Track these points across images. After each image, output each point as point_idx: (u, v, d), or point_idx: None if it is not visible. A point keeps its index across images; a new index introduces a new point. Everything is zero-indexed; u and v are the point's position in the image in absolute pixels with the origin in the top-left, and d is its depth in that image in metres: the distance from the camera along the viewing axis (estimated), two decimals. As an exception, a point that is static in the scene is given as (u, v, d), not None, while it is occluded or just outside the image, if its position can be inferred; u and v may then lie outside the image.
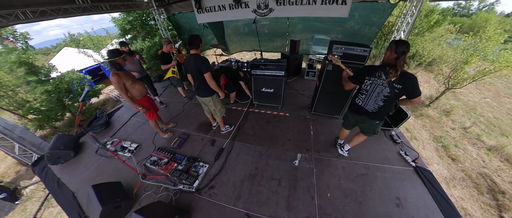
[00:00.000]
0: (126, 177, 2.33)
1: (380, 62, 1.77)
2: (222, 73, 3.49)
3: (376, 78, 1.65)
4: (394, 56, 1.51)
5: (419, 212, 1.90)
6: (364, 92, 1.78)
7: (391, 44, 1.55)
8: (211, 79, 2.20)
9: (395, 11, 4.00)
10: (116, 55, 2.12)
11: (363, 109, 1.86)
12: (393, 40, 1.57)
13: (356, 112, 1.96)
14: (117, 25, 8.29)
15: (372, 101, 1.77)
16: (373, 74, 1.65)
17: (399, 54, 1.49)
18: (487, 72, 6.70)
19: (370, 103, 1.79)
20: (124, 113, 3.86)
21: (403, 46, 1.49)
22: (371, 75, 1.67)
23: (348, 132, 2.40)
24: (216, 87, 2.30)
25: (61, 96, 7.25)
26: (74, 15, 3.59)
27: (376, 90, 1.69)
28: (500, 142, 5.92)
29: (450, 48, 9.79)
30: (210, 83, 2.22)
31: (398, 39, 1.65)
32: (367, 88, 1.74)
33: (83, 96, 1.84)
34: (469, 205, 4.06)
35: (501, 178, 4.73)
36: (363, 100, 1.83)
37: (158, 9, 5.49)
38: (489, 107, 8.22)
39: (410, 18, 3.53)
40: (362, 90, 1.79)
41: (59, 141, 2.72)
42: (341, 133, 2.47)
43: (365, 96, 1.79)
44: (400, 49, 1.48)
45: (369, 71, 1.68)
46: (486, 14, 20.26)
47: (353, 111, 2.01)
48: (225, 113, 2.75)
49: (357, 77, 1.81)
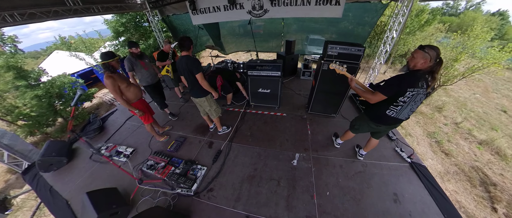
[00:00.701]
0: (122, 183, 2.28)
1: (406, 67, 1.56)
2: (219, 74, 3.48)
3: (419, 88, 1.50)
4: (431, 64, 1.41)
5: (416, 207, 1.94)
6: (401, 103, 1.60)
7: (428, 51, 1.40)
8: (203, 80, 2.19)
9: (387, 11, 4.10)
10: (110, 57, 2.07)
11: (394, 119, 1.70)
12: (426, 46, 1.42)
13: (384, 122, 1.81)
14: (110, 28, 8.16)
15: (407, 110, 1.64)
16: (416, 84, 1.48)
17: (437, 61, 1.40)
18: (475, 69, 6.94)
19: (404, 112, 1.65)
20: (118, 117, 3.79)
21: (438, 51, 1.40)
22: (414, 86, 1.49)
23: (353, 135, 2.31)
24: (209, 87, 2.29)
25: (52, 101, 7.04)
26: (65, 17, 3.51)
27: (415, 100, 1.56)
28: (490, 135, 6.13)
29: (440, 47, 10.05)
30: (202, 83, 2.21)
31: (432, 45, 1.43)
32: (406, 100, 1.56)
33: (75, 100, 1.79)
34: (463, 198, 4.17)
35: (492, 170, 4.89)
36: (397, 111, 1.65)
37: (152, 11, 5.43)
38: (479, 103, 8.50)
39: (401, 18, 3.62)
40: (398, 102, 1.59)
41: (51, 147, 2.63)
42: (347, 135, 2.36)
43: (401, 107, 1.62)
44: (438, 56, 1.40)
45: (412, 82, 1.49)
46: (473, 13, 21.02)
47: (378, 122, 1.84)
48: (221, 113, 2.73)
49: (397, 89, 1.54)
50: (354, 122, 2.16)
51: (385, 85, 1.59)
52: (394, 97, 1.58)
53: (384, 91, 1.59)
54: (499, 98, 9.14)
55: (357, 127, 2.12)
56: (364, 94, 1.71)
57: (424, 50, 1.42)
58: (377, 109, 1.74)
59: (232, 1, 4.11)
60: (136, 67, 2.92)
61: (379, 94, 1.60)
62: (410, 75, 1.51)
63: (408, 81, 1.50)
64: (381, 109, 1.71)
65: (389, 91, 1.58)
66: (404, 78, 1.52)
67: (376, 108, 1.75)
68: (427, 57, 1.41)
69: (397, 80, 1.54)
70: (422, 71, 1.46)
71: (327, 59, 2.65)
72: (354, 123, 2.17)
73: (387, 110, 1.68)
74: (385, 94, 1.58)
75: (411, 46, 10.65)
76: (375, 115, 1.83)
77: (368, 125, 1.95)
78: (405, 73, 1.55)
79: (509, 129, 6.83)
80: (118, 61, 2.16)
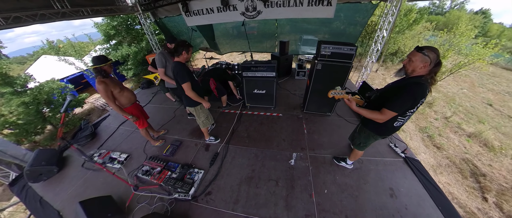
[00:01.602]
0: (117, 190, 2.21)
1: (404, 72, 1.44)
2: (211, 77, 3.41)
3: (426, 96, 1.38)
4: (430, 68, 1.30)
5: (411, 200, 1.99)
6: (409, 114, 1.48)
7: (428, 53, 1.27)
8: (189, 90, 2.04)
9: (377, 11, 4.22)
10: (102, 61, 2.00)
11: (398, 128, 1.61)
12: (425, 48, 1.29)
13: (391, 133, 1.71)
14: (100, 31, 7.96)
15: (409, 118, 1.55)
16: (425, 93, 1.35)
17: (437, 64, 1.29)
18: (462, 65, 7.23)
19: (406, 120, 1.56)
20: (111, 122, 3.69)
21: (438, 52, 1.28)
22: (425, 96, 1.36)
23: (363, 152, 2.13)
24: (197, 97, 2.13)
25: (40, 108, 6.78)
26: (52, 21, 3.40)
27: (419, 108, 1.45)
28: (478, 128, 6.38)
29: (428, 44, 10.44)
30: (189, 93, 2.07)
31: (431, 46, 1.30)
32: (414, 110, 1.44)
33: (65, 106, 1.74)
34: (455, 189, 4.31)
35: (481, 161, 5.09)
36: (404, 121, 1.55)
37: (144, 13, 5.35)
38: (466, 98, 8.84)
39: (391, 17, 3.73)
40: (407, 113, 1.47)
41: (40, 156, 2.53)
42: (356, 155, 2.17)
43: (408, 117, 1.52)
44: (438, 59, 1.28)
45: (424, 92, 1.34)
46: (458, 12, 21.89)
47: (386, 135, 1.74)
48: (211, 124, 2.57)
49: (411, 104, 1.38)
50: (358, 140, 1.95)
51: (398, 102, 1.40)
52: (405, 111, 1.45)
53: (397, 109, 1.41)
54: (485, 92, 9.55)
55: (363, 144, 1.94)
56: (371, 116, 1.52)
57: (423, 52, 1.27)
58: (384, 124, 1.57)
59: (225, 2, 4.11)
60: (169, 64, 2.72)
61: (390, 112, 1.43)
62: (417, 85, 1.34)
63: (421, 93, 1.34)
64: (389, 122, 1.55)
65: (403, 108, 1.41)
66: (417, 90, 1.34)
67: (383, 124, 1.57)
68: (427, 61, 1.27)
69: (412, 93, 1.35)
70: (425, 78, 1.33)
71: (321, 58, 2.69)
72: (358, 141, 1.95)
73: (395, 122, 1.55)
74: (397, 112, 1.43)
75: (401, 44, 10.97)
76: (382, 129, 1.68)
77: (374, 139, 1.83)
78: (414, 84, 1.36)
79: (495, 121, 7.13)
80: (110, 65, 2.09)
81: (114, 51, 8.33)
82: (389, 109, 1.42)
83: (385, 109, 1.44)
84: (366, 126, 1.79)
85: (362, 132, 1.87)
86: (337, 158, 2.44)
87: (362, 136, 1.88)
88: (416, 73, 1.36)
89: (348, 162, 2.33)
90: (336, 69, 2.67)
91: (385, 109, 1.43)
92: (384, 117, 1.46)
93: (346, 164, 2.35)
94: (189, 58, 2.12)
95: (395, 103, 1.40)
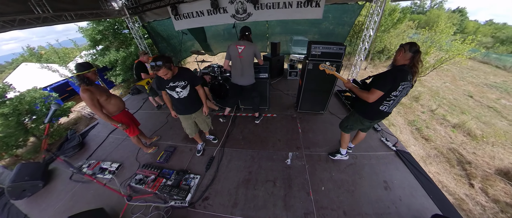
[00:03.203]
0: (109, 202, 2.12)
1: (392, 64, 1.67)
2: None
3: (408, 81, 1.58)
4: (410, 56, 1.51)
5: (404, 191, 2.06)
6: (393, 98, 1.66)
7: (404, 45, 1.55)
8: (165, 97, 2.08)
9: (363, 11, 4.37)
10: (86, 68, 1.91)
11: (386, 113, 1.79)
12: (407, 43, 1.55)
13: (377, 118, 1.88)
14: (86, 36, 7.65)
15: (396, 103, 1.73)
16: (406, 78, 1.56)
17: (414, 52, 1.50)
18: (443, 60, 7.65)
19: (393, 105, 1.74)
20: (100, 131, 3.54)
21: (415, 45, 1.50)
22: (405, 80, 1.56)
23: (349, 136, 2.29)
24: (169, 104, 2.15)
25: (21, 119, 6.37)
26: (33, 26, 3.23)
27: (403, 92, 1.64)
28: (461, 119, 6.74)
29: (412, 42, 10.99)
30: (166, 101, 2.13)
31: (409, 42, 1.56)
32: (397, 93, 1.63)
33: (49, 116, 1.64)
34: (444, 178, 4.51)
35: (466, 150, 5.38)
36: (389, 105, 1.72)
37: (132, 17, 5.21)
38: (449, 91, 9.34)
39: (376, 17, 3.88)
40: (391, 97, 1.65)
41: (23, 171, 2.37)
42: (345, 140, 2.28)
43: (393, 101, 1.69)
44: (414, 48, 1.50)
45: (404, 77, 1.55)
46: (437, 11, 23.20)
47: (372, 118, 1.90)
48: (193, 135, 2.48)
49: (392, 83, 1.58)
50: (346, 123, 2.15)
51: (381, 81, 1.62)
52: (388, 92, 1.62)
53: (381, 87, 1.60)
54: (466, 85, 10.14)
55: (350, 127, 2.11)
56: (362, 94, 1.70)
57: (401, 45, 1.59)
58: (371, 106, 1.75)
59: (215, 5, 4.10)
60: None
61: (377, 91, 1.61)
62: (399, 70, 1.57)
63: (401, 76, 1.55)
64: (375, 105, 1.72)
65: (385, 87, 1.60)
66: (398, 74, 1.56)
67: (369, 106, 1.74)
68: (401, 50, 1.57)
69: (391, 75, 1.58)
70: (407, 65, 1.56)
71: (312, 58, 2.74)
72: (346, 124, 2.14)
73: (381, 106, 1.72)
74: (382, 90, 1.60)
75: (387, 42, 11.44)
76: (369, 112, 1.86)
77: (361, 123, 1.99)
78: (394, 69, 1.61)
79: (476, 111, 7.58)
80: (95, 72, 1.99)
81: (101, 57, 8.03)
82: (375, 88, 1.62)
83: (372, 88, 1.64)
84: (357, 110, 1.98)
85: (352, 116, 2.07)
86: (332, 153, 2.51)
87: (351, 119, 2.08)
88: (399, 62, 1.61)
89: (342, 152, 2.42)
90: (327, 68, 2.73)
91: (373, 88, 1.64)
92: (372, 96, 1.64)
93: (342, 155, 2.43)
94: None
95: (379, 82, 1.64)
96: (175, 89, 1.92)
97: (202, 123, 2.43)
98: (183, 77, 1.91)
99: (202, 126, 2.46)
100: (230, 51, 2.51)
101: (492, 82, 10.30)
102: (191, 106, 2.16)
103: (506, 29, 21.37)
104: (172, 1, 4.38)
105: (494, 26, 23.96)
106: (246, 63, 2.55)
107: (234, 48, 2.47)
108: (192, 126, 2.38)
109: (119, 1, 4.82)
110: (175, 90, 1.93)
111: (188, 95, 2.01)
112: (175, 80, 1.88)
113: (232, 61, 2.60)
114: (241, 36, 2.48)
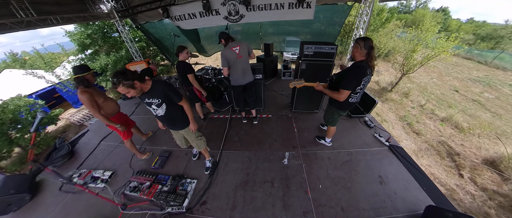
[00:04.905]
0: (102, 212, 2.04)
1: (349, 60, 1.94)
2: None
3: (368, 75, 1.79)
4: (365, 52, 1.69)
5: (399, 185, 2.12)
6: (358, 91, 1.89)
7: (359, 42, 1.70)
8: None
9: (353, 11, 4.49)
10: (85, 70, 1.93)
11: (354, 104, 2.05)
12: (358, 39, 1.73)
13: (348, 108, 2.17)
14: (74, 40, 7.39)
15: (361, 94, 1.99)
16: (366, 73, 1.76)
17: (368, 48, 1.67)
18: (430, 57, 7.95)
19: (359, 96, 2.00)
20: (91, 138, 3.42)
21: (369, 41, 1.67)
22: (365, 75, 1.77)
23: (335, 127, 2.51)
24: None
25: (4, 129, 6.04)
26: (15, 31, 3.08)
27: (366, 85, 1.88)
28: (448, 113, 7.03)
29: (400, 40, 11.37)
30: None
31: (360, 37, 1.75)
32: (361, 87, 1.86)
33: (35, 125, 1.57)
34: (435, 170, 4.67)
35: (455, 142, 5.61)
36: (357, 97, 1.99)
37: (122, 20, 5.09)
38: (436, 86, 9.72)
39: (365, 17, 3.99)
40: (357, 90, 1.88)
41: (7, 184, 2.24)
42: (331, 131, 2.54)
43: (359, 94, 1.95)
44: (368, 44, 1.66)
45: (364, 72, 1.76)
46: (422, 10, 24.18)
47: (344, 109, 2.20)
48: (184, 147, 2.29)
49: (356, 83, 1.81)
50: (327, 117, 2.40)
51: (345, 81, 1.83)
52: (353, 89, 1.86)
53: (348, 87, 1.82)
54: (451, 80, 10.60)
55: (331, 120, 2.34)
56: (333, 95, 1.96)
57: (355, 42, 1.75)
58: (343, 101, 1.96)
59: (207, 7, 4.08)
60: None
61: (344, 91, 1.83)
62: (358, 66, 1.77)
63: (362, 73, 1.76)
64: (346, 100, 1.95)
65: (351, 86, 1.82)
66: (358, 72, 1.76)
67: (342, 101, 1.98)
68: (357, 46, 1.72)
69: (354, 75, 1.78)
70: (365, 61, 1.73)
71: (305, 58, 2.78)
72: (327, 117, 2.39)
73: (350, 99, 1.98)
74: (349, 89, 1.83)
75: (376, 41, 11.77)
76: (341, 105, 2.11)
77: (338, 114, 2.25)
78: (355, 67, 1.80)
79: (462, 105, 7.94)
80: (93, 74, 2.03)
81: (91, 62, 7.78)
82: (343, 88, 1.84)
83: (340, 89, 1.85)
84: (331, 104, 2.26)
85: (329, 109, 2.33)
86: (318, 137, 2.78)
87: (329, 112, 2.34)
88: (357, 58, 1.78)
89: (326, 140, 2.66)
90: (320, 67, 2.78)
91: (341, 88, 1.85)
92: (341, 95, 1.87)
93: (325, 142, 2.68)
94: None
95: (344, 83, 1.83)
96: (151, 106, 1.69)
97: (192, 142, 2.14)
98: (156, 95, 1.61)
99: (193, 144, 2.16)
100: (227, 56, 2.43)
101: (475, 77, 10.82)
102: (172, 125, 1.92)
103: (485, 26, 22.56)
104: (163, 3, 4.32)
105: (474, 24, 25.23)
106: (245, 61, 2.58)
107: (230, 51, 2.43)
108: (181, 139, 2.17)
109: (107, 4, 4.71)
110: (151, 107, 1.71)
111: (166, 113, 1.74)
112: (148, 96, 1.62)
113: (231, 65, 2.53)
114: (226, 39, 2.50)
